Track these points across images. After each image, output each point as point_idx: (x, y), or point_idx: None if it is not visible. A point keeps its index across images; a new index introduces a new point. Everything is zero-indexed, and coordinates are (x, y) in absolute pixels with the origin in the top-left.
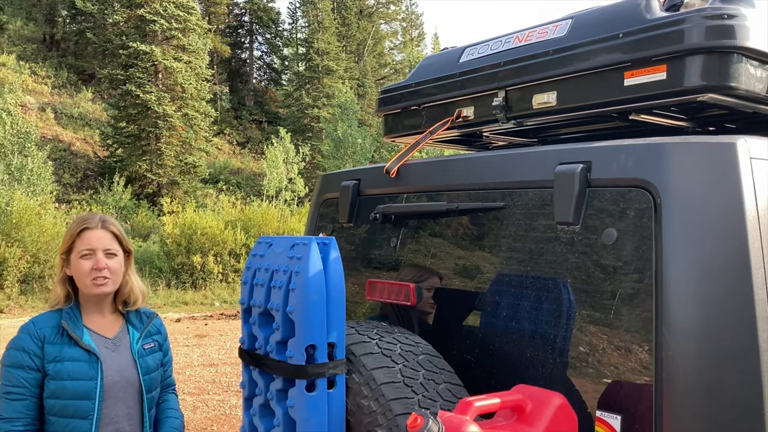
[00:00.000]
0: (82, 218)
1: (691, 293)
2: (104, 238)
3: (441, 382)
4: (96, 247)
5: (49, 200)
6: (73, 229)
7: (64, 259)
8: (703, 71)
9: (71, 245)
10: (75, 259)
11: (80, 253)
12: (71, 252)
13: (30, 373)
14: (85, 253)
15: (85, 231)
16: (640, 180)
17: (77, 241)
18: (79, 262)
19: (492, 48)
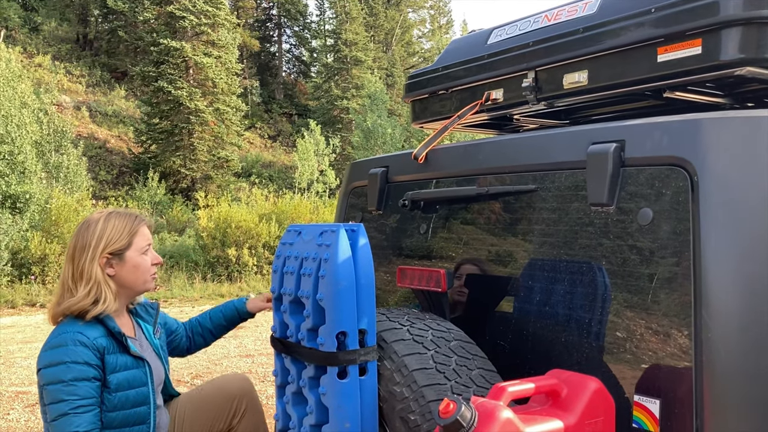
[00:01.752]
0: (131, 214)
1: (730, 274)
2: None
3: (474, 368)
4: (151, 241)
5: (86, 197)
6: (132, 226)
7: (109, 259)
8: (740, 44)
9: (130, 242)
10: (134, 256)
11: (142, 249)
12: (127, 249)
13: (96, 382)
14: (146, 248)
15: (143, 225)
16: (676, 158)
17: (137, 237)
18: (141, 258)
19: (520, 28)
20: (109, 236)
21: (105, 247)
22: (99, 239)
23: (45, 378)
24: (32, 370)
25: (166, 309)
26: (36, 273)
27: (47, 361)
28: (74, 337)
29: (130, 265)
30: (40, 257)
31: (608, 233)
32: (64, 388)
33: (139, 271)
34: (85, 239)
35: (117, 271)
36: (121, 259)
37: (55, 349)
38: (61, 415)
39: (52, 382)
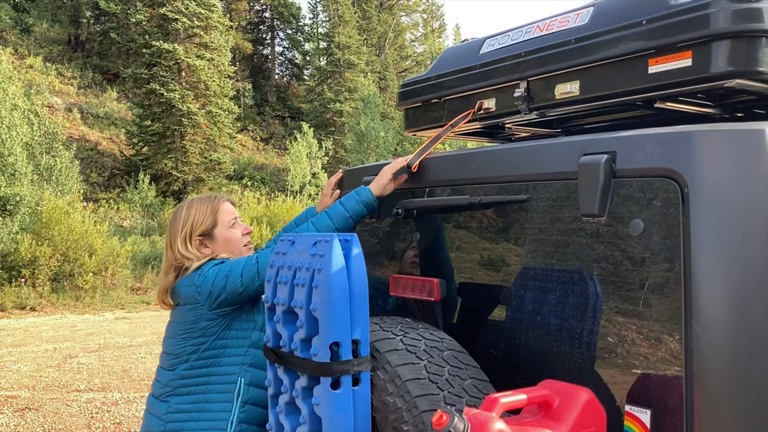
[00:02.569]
0: (210, 195)
1: (720, 284)
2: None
3: (467, 378)
4: (236, 215)
5: (77, 199)
6: (214, 205)
7: (201, 240)
8: (729, 56)
9: (215, 220)
10: (224, 230)
11: (229, 223)
12: (215, 227)
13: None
14: (233, 222)
15: (226, 203)
16: (667, 169)
17: (220, 214)
18: (231, 231)
19: (513, 38)
20: (194, 220)
21: (192, 230)
22: (184, 224)
23: (220, 274)
24: (22, 374)
25: (158, 312)
26: (26, 276)
27: (213, 271)
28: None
29: (222, 240)
30: (30, 260)
31: (600, 244)
32: (234, 263)
33: (232, 243)
34: (175, 229)
35: (212, 248)
36: (211, 237)
37: (209, 267)
38: (243, 266)
39: (227, 271)
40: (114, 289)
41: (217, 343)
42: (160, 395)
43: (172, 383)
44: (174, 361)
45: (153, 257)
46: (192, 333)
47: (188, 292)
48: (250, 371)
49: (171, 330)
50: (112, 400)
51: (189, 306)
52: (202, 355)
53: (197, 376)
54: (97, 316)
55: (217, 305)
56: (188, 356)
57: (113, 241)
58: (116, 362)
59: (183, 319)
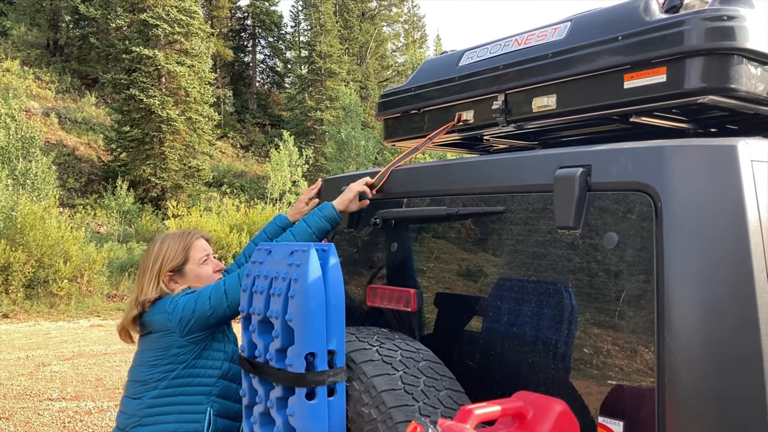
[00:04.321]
0: (184, 232)
1: (692, 297)
2: (209, 242)
3: (442, 389)
4: (209, 251)
5: (53, 204)
6: (186, 242)
7: (170, 275)
8: (703, 73)
9: (186, 256)
10: (195, 267)
11: (200, 260)
12: (186, 263)
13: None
14: (204, 258)
15: (199, 239)
16: (641, 183)
17: (192, 250)
18: (202, 268)
19: (491, 51)
20: (165, 255)
21: (163, 265)
22: (156, 260)
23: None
24: None
25: None
26: None
27: (184, 299)
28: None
29: (192, 276)
30: (4, 265)
31: (575, 256)
32: (205, 291)
33: (202, 279)
34: (146, 263)
35: (182, 283)
36: (182, 273)
37: (180, 296)
38: (223, 286)
39: (196, 297)
40: (89, 296)
41: (186, 372)
42: (125, 427)
43: (139, 413)
44: (141, 389)
45: (130, 264)
46: (162, 360)
47: (159, 320)
48: (219, 402)
49: (139, 358)
50: (85, 409)
51: (160, 333)
52: (171, 383)
53: (165, 405)
54: (71, 323)
55: (188, 331)
56: (156, 383)
57: (89, 247)
58: (90, 370)
59: (153, 346)
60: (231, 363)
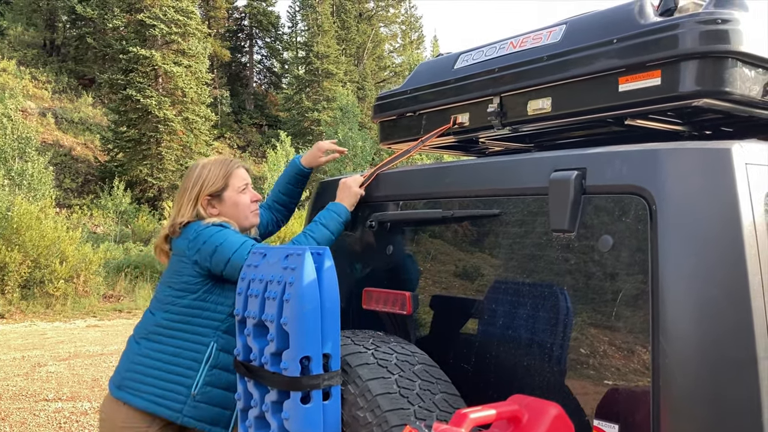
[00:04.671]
0: (226, 159)
1: (687, 300)
2: (249, 173)
3: (437, 393)
4: (248, 181)
5: (50, 205)
6: (227, 169)
7: (209, 200)
8: (697, 76)
9: (226, 183)
10: (232, 194)
11: (239, 188)
12: (225, 189)
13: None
14: (244, 187)
15: (240, 168)
16: (635, 186)
17: (232, 178)
18: (239, 196)
19: (486, 54)
20: (206, 179)
21: (202, 189)
22: (195, 183)
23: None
24: None
25: (130, 320)
26: None
27: (208, 233)
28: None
29: (230, 203)
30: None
31: (569, 259)
32: (235, 239)
33: (239, 207)
34: (186, 185)
35: (220, 209)
36: (220, 199)
37: (209, 227)
38: (234, 251)
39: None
40: (86, 297)
41: (196, 303)
42: (135, 335)
43: (149, 328)
44: (156, 306)
45: (126, 264)
46: (175, 284)
47: (180, 244)
48: (224, 337)
49: (163, 277)
50: (81, 409)
51: (178, 257)
52: (181, 310)
53: (171, 328)
54: (67, 323)
55: (199, 268)
56: (168, 306)
57: (86, 247)
58: (86, 371)
59: (172, 268)
60: None
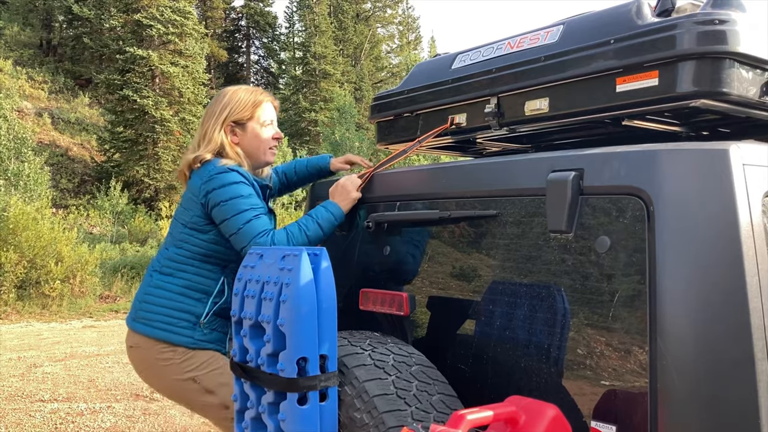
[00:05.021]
0: (257, 89)
1: (685, 302)
2: (276, 110)
3: (434, 394)
4: (274, 118)
5: (46, 205)
6: (256, 98)
7: (233, 126)
8: (695, 77)
9: (253, 113)
10: (255, 126)
11: (264, 121)
12: (250, 119)
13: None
14: (268, 122)
15: (269, 102)
16: (633, 187)
17: (260, 109)
18: (263, 130)
19: (484, 54)
20: (234, 106)
21: (228, 115)
22: (223, 108)
23: (219, 197)
24: None
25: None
26: None
27: (218, 183)
28: (234, 167)
29: (251, 135)
30: None
31: (567, 260)
32: (243, 200)
33: (259, 140)
34: (214, 108)
35: (240, 139)
36: (243, 128)
37: (222, 174)
38: (245, 222)
39: (229, 198)
40: (82, 297)
41: (207, 244)
42: (150, 268)
43: (162, 261)
44: (170, 241)
45: (122, 265)
46: (187, 222)
47: (194, 183)
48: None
49: (176, 211)
50: (78, 410)
51: (190, 194)
52: (192, 248)
53: (183, 263)
54: (64, 324)
55: (206, 216)
56: (180, 242)
57: (82, 248)
58: (83, 371)
59: (184, 204)
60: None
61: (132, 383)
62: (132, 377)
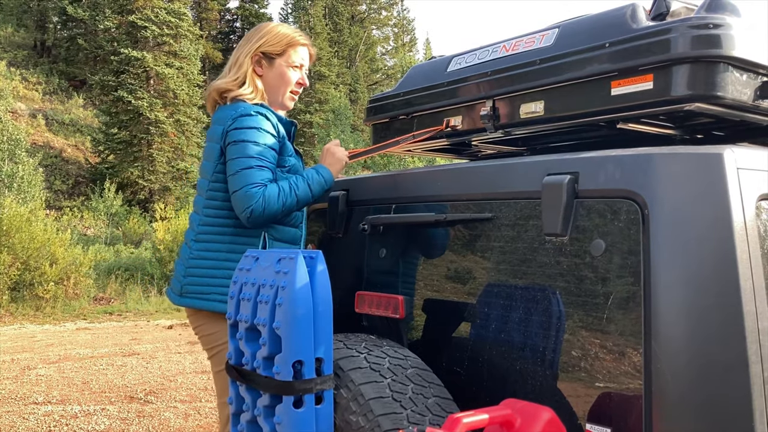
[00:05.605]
0: (297, 31)
1: (679, 305)
2: (310, 59)
3: (430, 396)
4: (305, 64)
5: (40, 207)
6: (292, 38)
7: (261, 57)
8: (689, 80)
9: (284, 50)
10: (282, 65)
11: (292, 63)
12: (280, 56)
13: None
14: (297, 65)
15: (304, 47)
16: (628, 191)
17: (293, 50)
18: (288, 71)
19: (479, 57)
20: (268, 38)
21: (260, 45)
22: (259, 38)
23: (235, 135)
24: None
25: (120, 323)
26: None
27: (241, 123)
28: (262, 111)
29: (276, 72)
30: None
31: (562, 263)
32: (253, 147)
33: (282, 80)
34: (251, 35)
35: (265, 72)
36: (270, 63)
37: (248, 117)
38: (245, 168)
39: (243, 140)
40: (76, 299)
41: None
42: (186, 239)
43: (197, 228)
44: (198, 203)
45: (117, 266)
46: (210, 175)
47: (217, 131)
48: (275, 226)
49: (201, 168)
50: (71, 413)
51: (213, 142)
52: (224, 204)
53: (220, 225)
54: (57, 326)
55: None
56: (210, 201)
57: (76, 249)
58: (76, 374)
59: (206, 157)
60: None
61: (126, 385)
62: (126, 379)
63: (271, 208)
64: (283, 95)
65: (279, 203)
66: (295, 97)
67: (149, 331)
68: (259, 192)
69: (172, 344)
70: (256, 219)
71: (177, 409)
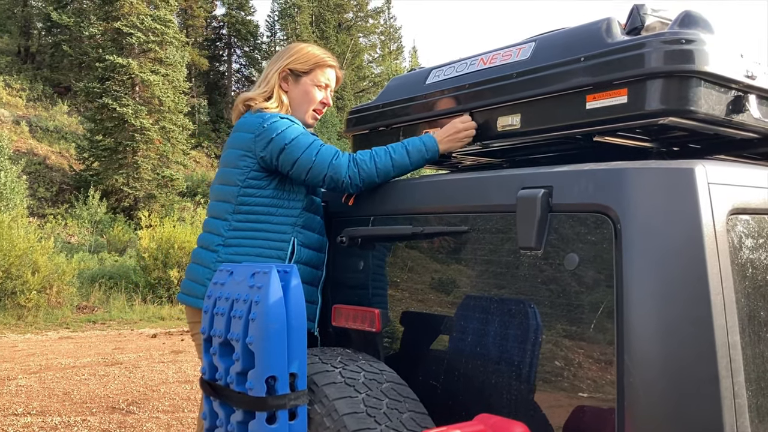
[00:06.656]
0: (327, 53)
1: (651, 319)
2: (337, 82)
3: (405, 411)
4: (330, 85)
5: (23, 214)
6: (320, 59)
7: (288, 74)
8: (662, 95)
9: (311, 69)
10: (308, 83)
11: (318, 82)
12: (307, 75)
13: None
14: (323, 85)
15: (332, 68)
16: (601, 205)
17: (320, 70)
18: (313, 89)
19: (457, 70)
20: (297, 56)
21: (289, 62)
22: (289, 56)
23: (282, 141)
24: None
25: (104, 332)
26: None
27: (275, 130)
28: (286, 116)
29: (302, 90)
30: None
31: (537, 276)
32: (304, 137)
33: (307, 99)
34: (281, 53)
35: (290, 89)
36: (297, 80)
37: (275, 122)
38: (316, 153)
39: (292, 138)
40: (59, 308)
41: (269, 200)
42: (209, 245)
43: (225, 233)
44: (224, 210)
45: (101, 275)
46: (242, 181)
47: (244, 139)
48: (303, 233)
49: (221, 175)
50: (51, 424)
51: (241, 152)
52: (254, 209)
53: (250, 230)
54: (39, 335)
55: (265, 164)
56: (240, 207)
57: (59, 257)
58: (57, 384)
59: (232, 163)
60: (313, 195)
61: (108, 396)
62: (108, 389)
63: (366, 171)
64: (305, 112)
65: (371, 164)
66: (317, 116)
67: (133, 340)
68: (343, 160)
69: (156, 353)
70: (356, 184)
71: (159, 420)
